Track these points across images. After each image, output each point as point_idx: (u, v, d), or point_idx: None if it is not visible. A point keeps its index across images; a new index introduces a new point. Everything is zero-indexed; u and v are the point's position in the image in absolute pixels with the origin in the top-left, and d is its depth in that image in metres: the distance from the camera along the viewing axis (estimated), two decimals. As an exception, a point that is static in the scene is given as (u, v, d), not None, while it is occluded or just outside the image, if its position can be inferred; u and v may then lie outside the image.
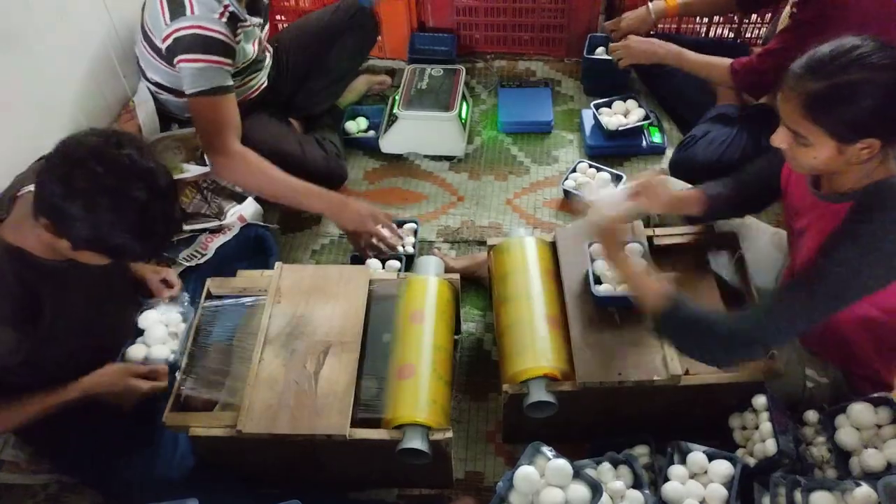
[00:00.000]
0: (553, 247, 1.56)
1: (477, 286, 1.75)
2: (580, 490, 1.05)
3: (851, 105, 1.07)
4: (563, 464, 1.06)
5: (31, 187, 1.15)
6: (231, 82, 1.66)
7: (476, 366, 1.65)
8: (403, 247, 1.77)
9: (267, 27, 1.91)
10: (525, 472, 1.07)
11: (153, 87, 1.85)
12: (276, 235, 1.90)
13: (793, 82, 1.11)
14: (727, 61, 1.80)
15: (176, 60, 1.63)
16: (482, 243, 1.88)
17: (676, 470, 1.20)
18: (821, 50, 1.11)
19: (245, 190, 1.83)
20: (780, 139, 1.16)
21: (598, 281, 1.41)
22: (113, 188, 1.06)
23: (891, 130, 1.08)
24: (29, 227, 1.15)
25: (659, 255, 1.51)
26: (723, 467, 1.20)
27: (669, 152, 2.06)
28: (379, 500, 1.45)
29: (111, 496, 1.43)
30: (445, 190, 2.04)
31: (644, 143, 2.07)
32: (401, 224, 1.84)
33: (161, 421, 1.30)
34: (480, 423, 1.56)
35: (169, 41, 1.61)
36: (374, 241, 1.68)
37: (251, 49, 1.79)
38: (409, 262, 1.76)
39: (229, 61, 1.65)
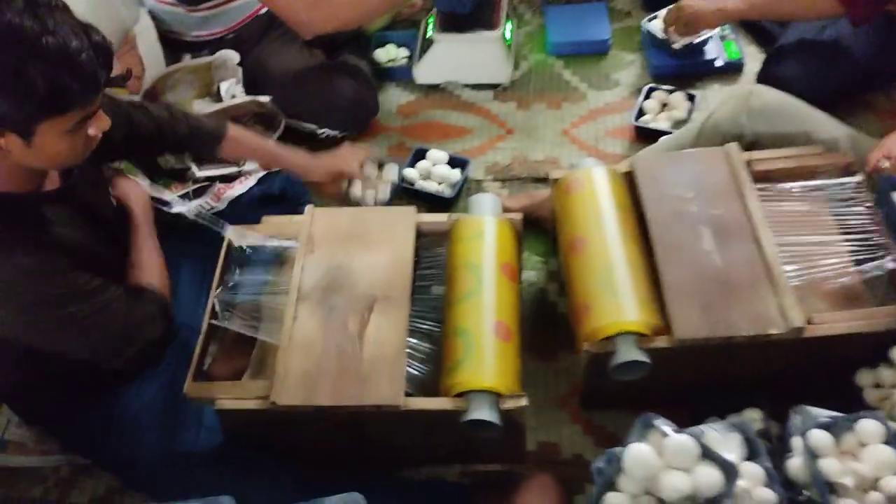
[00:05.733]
0: (630, 178, 1.32)
1: (536, 229, 1.51)
2: (710, 473, 0.83)
3: None
4: (686, 441, 0.84)
5: None
6: None
7: (541, 321, 1.43)
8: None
9: None
10: (639, 453, 0.85)
11: (159, 6, 1.62)
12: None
13: None
14: None
15: None
16: (538, 180, 1.65)
17: (817, 437, 0.96)
18: None
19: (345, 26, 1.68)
20: None
21: None
22: None
23: None
24: None
25: (760, 183, 1.26)
26: (875, 426, 0.96)
27: (749, 69, 1.79)
28: (437, 480, 1.25)
29: (128, 479, 1.25)
30: (491, 122, 1.80)
31: (719, 59, 1.79)
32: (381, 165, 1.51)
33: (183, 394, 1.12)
34: (550, 387, 1.34)
35: None
36: None
37: None
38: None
39: None
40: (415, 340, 1.19)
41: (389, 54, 1.93)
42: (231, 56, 1.72)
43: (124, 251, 1.20)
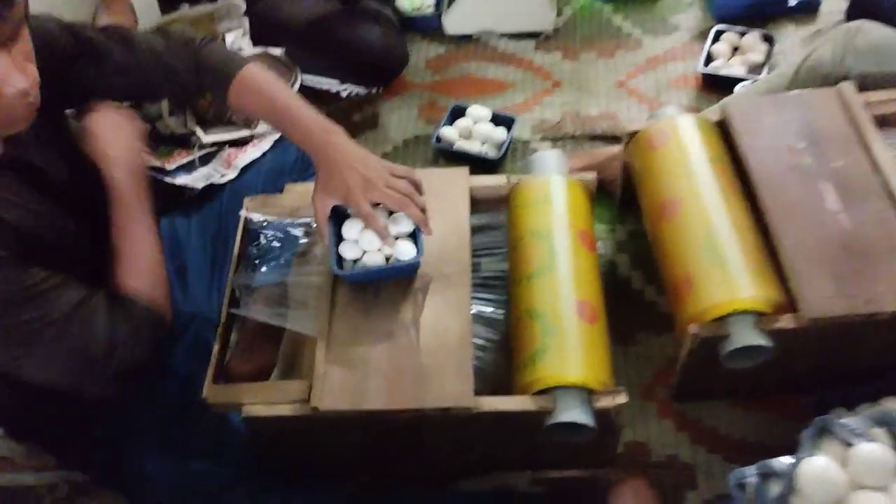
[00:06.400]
0: (722, 128, 1.11)
1: (599, 192, 1.30)
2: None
3: None
4: (880, 451, 0.65)
5: None
6: None
7: (614, 298, 1.21)
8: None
9: None
10: (819, 469, 0.66)
11: None
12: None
13: None
14: None
15: None
16: (597, 138, 1.44)
17: None
18: None
19: None
20: None
21: None
22: None
23: None
24: None
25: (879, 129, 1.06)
26: None
27: (825, 8, 1.58)
28: (503, 490, 1.05)
29: (137, 499, 1.05)
30: (535, 74, 1.58)
31: (792, -3, 1.58)
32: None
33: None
34: (632, 375, 1.14)
35: None
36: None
37: None
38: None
39: None
40: (474, 326, 0.99)
41: (414, 2, 1.71)
42: (236, 3, 1.50)
43: (97, 230, 0.90)
